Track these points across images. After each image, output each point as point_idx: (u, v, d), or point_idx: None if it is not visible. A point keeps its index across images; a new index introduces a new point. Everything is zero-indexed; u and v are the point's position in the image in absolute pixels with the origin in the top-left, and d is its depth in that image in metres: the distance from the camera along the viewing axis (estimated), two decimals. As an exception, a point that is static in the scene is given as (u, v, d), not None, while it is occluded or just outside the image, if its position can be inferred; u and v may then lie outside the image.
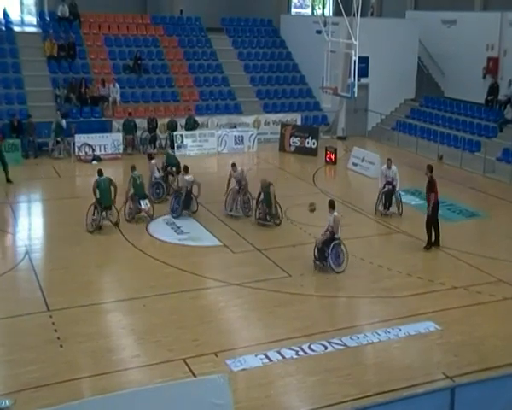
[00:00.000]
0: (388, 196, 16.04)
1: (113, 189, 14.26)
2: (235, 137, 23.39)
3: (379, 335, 9.99)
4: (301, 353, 9.40)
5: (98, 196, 14.04)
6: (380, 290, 11.69)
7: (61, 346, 9.44)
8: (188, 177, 15.25)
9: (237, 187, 15.70)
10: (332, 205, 12.55)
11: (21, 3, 28.08)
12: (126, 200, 14.74)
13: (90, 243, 13.79)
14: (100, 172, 14.50)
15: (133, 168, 15.12)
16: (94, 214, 14.09)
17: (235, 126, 24.13)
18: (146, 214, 14.98)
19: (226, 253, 13.39)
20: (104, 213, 14.12)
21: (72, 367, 8.91)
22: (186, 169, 15.39)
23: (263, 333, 10.05)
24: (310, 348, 9.53)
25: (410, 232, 14.63)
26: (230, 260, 12.94)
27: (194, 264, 12.69)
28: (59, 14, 26.25)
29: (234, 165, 16.03)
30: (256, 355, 9.26)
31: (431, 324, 10.30)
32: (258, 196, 15.14)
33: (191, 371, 8.85)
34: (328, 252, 12.29)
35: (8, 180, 17.81)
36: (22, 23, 27.50)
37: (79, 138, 21.30)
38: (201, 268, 12.57)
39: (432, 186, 13.63)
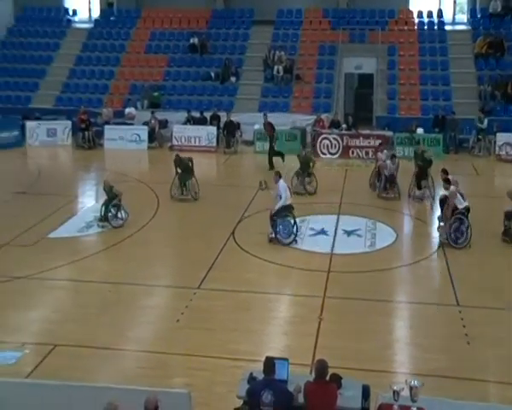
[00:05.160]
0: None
1: None
2: None
3: None
4: None
5: None
6: None
7: (468, 343, 9.47)
8: None
9: None
10: None
11: (454, 2, 28.62)
12: None
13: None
14: None
15: None
16: None
17: None
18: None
19: None
20: None
21: (478, 367, 8.85)
22: None
23: None
24: None
25: None
26: None
27: None
28: (490, 10, 25.96)
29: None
30: None
31: None
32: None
33: None
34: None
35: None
36: (453, 22, 28.06)
37: (501, 137, 20.83)
38: None
39: None
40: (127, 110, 24.45)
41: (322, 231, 14.17)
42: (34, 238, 13.63)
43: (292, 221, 13.35)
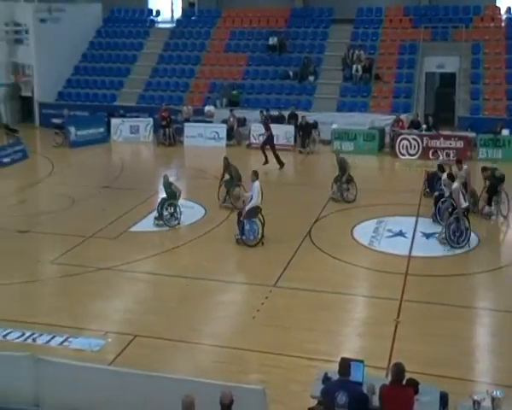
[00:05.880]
0: None
1: None
2: None
3: None
4: None
5: None
6: None
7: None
8: None
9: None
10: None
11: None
12: None
13: None
14: None
15: None
16: None
17: None
18: None
19: None
20: None
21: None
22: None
23: None
24: None
25: None
26: None
27: None
28: None
29: None
30: None
31: None
32: None
33: None
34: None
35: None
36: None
37: None
38: None
39: None
40: (206, 108, 24.87)
41: (400, 233, 13.92)
42: (117, 231, 14.13)
43: (258, 223, 13.28)
